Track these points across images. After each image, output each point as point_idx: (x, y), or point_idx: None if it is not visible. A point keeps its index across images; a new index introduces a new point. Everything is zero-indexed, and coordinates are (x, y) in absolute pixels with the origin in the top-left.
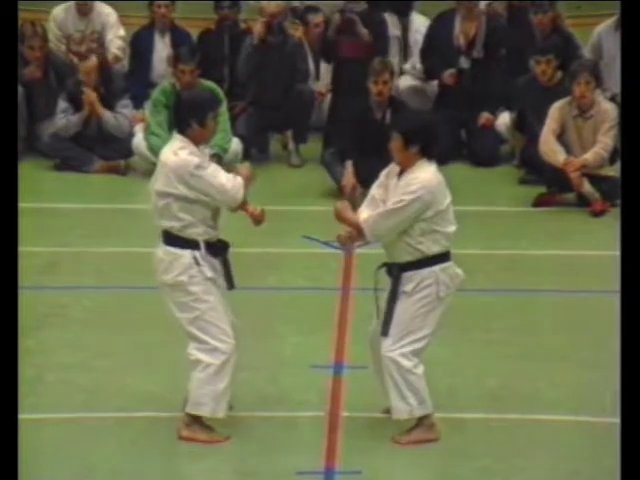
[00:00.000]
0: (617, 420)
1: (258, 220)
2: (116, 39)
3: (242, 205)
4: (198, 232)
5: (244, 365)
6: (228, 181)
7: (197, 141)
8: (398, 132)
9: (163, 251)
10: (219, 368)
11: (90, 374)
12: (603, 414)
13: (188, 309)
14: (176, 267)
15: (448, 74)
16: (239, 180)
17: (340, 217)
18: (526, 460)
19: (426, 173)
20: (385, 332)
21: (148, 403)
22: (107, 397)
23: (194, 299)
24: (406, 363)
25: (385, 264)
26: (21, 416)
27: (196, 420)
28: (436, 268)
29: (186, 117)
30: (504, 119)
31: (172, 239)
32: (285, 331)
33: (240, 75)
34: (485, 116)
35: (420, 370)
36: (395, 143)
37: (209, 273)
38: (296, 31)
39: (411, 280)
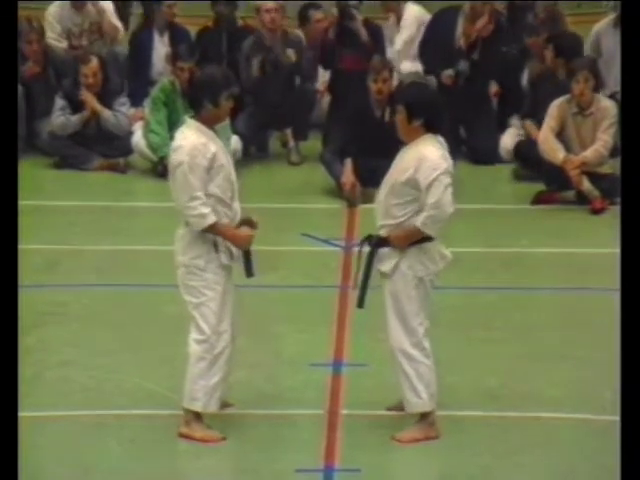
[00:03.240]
0: (617, 418)
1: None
2: (114, 20)
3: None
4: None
5: (243, 363)
6: (194, 208)
7: (211, 123)
8: (402, 104)
9: (184, 230)
10: (211, 362)
11: (90, 372)
12: (603, 412)
13: (196, 293)
14: (194, 249)
15: (446, 75)
16: (209, 219)
17: (405, 241)
18: (525, 458)
19: (435, 151)
20: (360, 304)
21: (147, 401)
22: (106, 395)
23: (205, 285)
24: (416, 353)
25: (369, 236)
26: (21, 414)
27: (195, 417)
28: (412, 248)
29: (199, 97)
30: (505, 144)
31: None
32: (284, 329)
33: (245, 83)
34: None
35: (430, 361)
36: (399, 116)
37: (225, 260)
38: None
39: (389, 258)
